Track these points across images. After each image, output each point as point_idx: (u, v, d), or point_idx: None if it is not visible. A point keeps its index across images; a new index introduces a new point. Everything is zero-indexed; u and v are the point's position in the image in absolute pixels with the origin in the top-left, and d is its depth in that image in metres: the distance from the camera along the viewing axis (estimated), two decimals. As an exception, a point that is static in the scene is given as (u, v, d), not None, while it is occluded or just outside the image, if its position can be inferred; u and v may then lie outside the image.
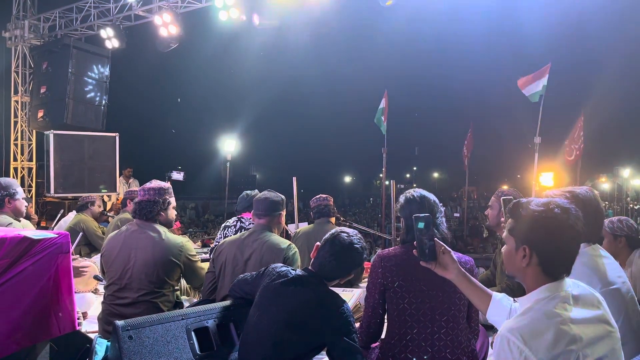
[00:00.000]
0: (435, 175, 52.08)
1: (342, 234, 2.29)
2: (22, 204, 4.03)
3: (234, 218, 4.47)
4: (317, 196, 4.87)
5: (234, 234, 4.28)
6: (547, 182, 7.97)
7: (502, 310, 1.91)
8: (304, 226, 5.30)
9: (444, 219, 2.45)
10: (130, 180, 10.62)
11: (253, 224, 4.30)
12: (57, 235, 2.28)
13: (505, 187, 3.75)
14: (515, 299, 1.74)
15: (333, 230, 2.33)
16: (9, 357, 2.11)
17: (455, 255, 2.03)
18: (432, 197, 2.49)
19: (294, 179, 6.19)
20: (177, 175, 8.06)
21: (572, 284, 1.63)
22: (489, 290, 2.00)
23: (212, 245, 4.68)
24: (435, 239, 1.96)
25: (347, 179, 55.27)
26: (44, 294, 2.24)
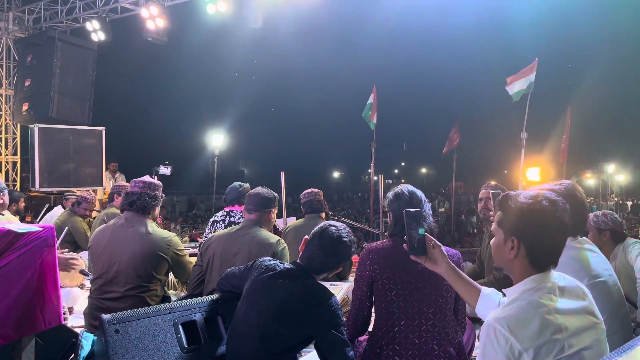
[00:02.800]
0: (423, 170, 52.33)
1: (331, 227, 2.29)
2: (6, 198, 4.00)
3: (222, 212, 4.42)
4: (308, 191, 4.83)
5: (224, 229, 4.27)
6: (534, 177, 8.05)
7: (491, 304, 1.93)
8: (293, 221, 5.28)
9: (430, 213, 2.47)
10: (117, 175, 10.53)
11: (242, 217, 4.30)
12: (42, 229, 2.25)
13: (493, 182, 3.78)
14: (503, 290, 1.76)
15: (322, 224, 2.33)
16: (-6, 351, 2.09)
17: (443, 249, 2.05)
18: (419, 192, 2.51)
19: (282, 173, 6.17)
20: (165, 170, 8.02)
21: (558, 276, 1.65)
22: (477, 284, 2.02)
23: (200, 240, 4.64)
24: (426, 233, 1.98)
25: (336, 174, 55.32)
26: (29, 288, 2.21)
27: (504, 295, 1.98)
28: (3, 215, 3.94)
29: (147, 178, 3.33)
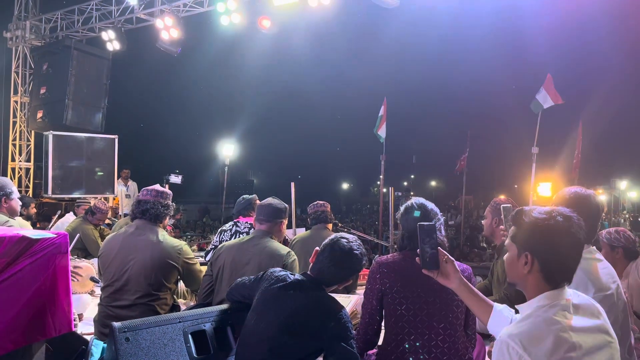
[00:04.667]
0: (433, 183, 52.12)
1: (342, 239, 2.29)
2: (17, 204, 4.02)
3: (230, 222, 4.49)
4: (315, 202, 4.88)
5: (229, 238, 4.31)
6: (545, 192, 7.99)
7: (503, 321, 1.91)
8: (301, 232, 5.31)
9: (442, 227, 2.46)
10: (129, 183, 10.61)
11: (248, 227, 4.33)
12: (55, 236, 2.27)
13: (502, 196, 3.77)
14: (516, 306, 1.75)
15: (333, 236, 2.33)
16: (5, 356, 2.10)
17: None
18: (430, 205, 2.50)
19: (292, 184, 6.19)
20: (175, 179, 8.07)
21: (572, 293, 1.64)
22: (490, 300, 2.00)
23: (207, 249, 4.68)
24: (439, 247, 1.97)
25: (345, 185, 55.26)
26: (41, 294, 2.23)
27: (517, 312, 1.97)
28: (15, 220, 3.97)
29: (158, 187, 3.35)
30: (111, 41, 10.20)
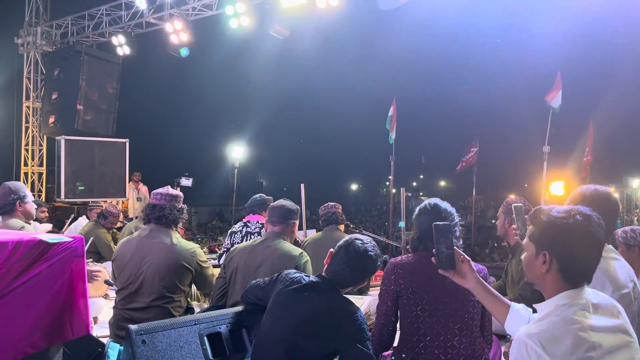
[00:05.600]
0: (442, 183, 51.90)
1: (357, 241, 2.29)
2: (32, 208, 4.04)
3: (240, 223, 4.49)
4: (326, 204, 4.89)
5: (241, 240, 4.32)
6: (558, 191, 7.93)
7: (521, 321, 1.90)
8: (312, 234, 5.30)
9: (458, 227, 2.44)
10: (140, 186, 10.67)
11: (259, 227, 4.34)
12: (71, 239, 2.29)
13: (512, 196, 3.75)
14: (535, 305, 1.74)
15: (347, 238, 2.33)
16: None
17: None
18: (444, 205, 2.48)
19: (302, 186, 6.18)
20: (186, 182, 8.11)
21: (591, 293, 1.63)
22: (507, 300, 1.99)
23: (219, 252, 4.69)
24: (455, 247, 1.96)
25: (354, 186, 55.18)
26: (59, 298, 2.25)
27: (534, 311, 1.95)
28: (30, 224, 4.00)
29: (170, 190, 3.35)
30: (121, 46, 10.29)
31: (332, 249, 2.35)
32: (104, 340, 3.12)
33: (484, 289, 1.97)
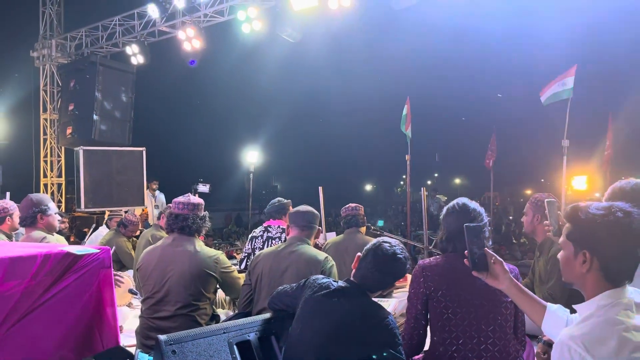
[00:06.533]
0: (457, 181, 51.50)
1: (385, 244, 2.25)
2: (55, 220, 4.03)
3: (260, 227, 4.46)
4: (347, 205, 4.80)
5: (262, 245, 4.30)
6: (580, 185, 7.79)
7: (559, 322, 1.85)
8: (332, 237, 5.25)
9: (487, 228, 2.39)
10: (156, 194, 10.73)
11: (280, 232, 4.31)
12: (99, 250, 2.29)
13: (529, 191, 3.66)
14: (574, 306, 1.69)
15: (374, 241, 2.29)
16: (55, 373, 2.12)
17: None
18: (472, 204, 2.44)
19: (320, 188, 6.14)
20: (203, 188, 8.14)
21: (634, 292, 1.58)
22: (542, 300, 1.93)
23: (239, 257, 4.66)
24: (486, 248, 1.92)
25: (368, 187, 54.98)
26: (87, 310, 2.24)
27: (572, 311, 1.90)
28: (53, 236, 4.02)
29: (191, 198, 3.34)
30: (135, 55, 10.37)
31: (359, 253, 2.32)
32: (133, 350, 3.13)
33: (518, 290, 1.92)
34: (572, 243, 1.63)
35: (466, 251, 1.91)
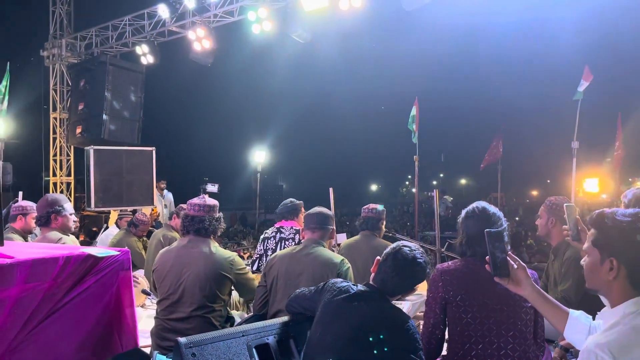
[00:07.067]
0: (463, 182, 51.41)
1: (405, 248, 2.24)
2: (70, 220, 4.04)
3: (272, 228, 4.44)
4: (368, 206, 4.55)
5: (275, 246, 4.29)
6: (592, 188, 7.74)
7: (582, 328, 1.84)
8: (345, 239, 5.16)
9: (506, 232, 2.37)
10: (165, 193, 10.75)
11: (293, 233, 4.30)
12: (118, 253, 2.30)
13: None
14: (599, 313, 1.68)
15: (394, 244, 2.29)
16: (75, 375, 2.13)
17: None
18: (492, 209, 2.42)
19: (331, 190, 6.12)
20: (212, 188, 8.15)
21: None
22: (564, 307, 1.92)
23: (252, 257, 4.64)
24: (509, 253, 1.91)
25: (373, 187, 54.95)
26: (107, 312, 2.25)
27: (594, 318, 1.89)
28: (68, 236, 4.03)
29: (207, 200, 3.34)
30: (145, 55, 10.40)
31: (378, 257, 2.31)
32: (149, 351, 3.14)
33: (540, 296, 1.91)
34: (598, 250, 1.62)
35: (487, 257, 1.90)
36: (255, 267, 4.31)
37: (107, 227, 7.47)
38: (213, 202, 3.34)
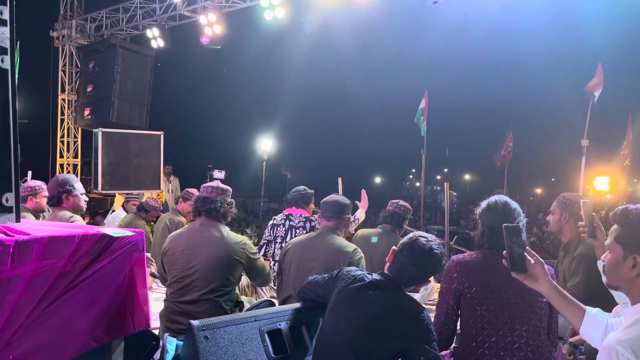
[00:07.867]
0: (467, 177, 51.27)
1: (421, 238, 2.23)
2: (81, 200, 4.04)
3: (282, 215, 4.42)
4: (395, 201, 4.42)
5: (284, 234, 4.28)
6: (603, 186, 7.69)
7: (598, 326, 1.82)
8: (362, 230, 5.04)
9: (524, 228, 2.35)
10: (171, 178, 10.76)
11: (303, 221, 4.29)
12: (133, 233, 2.29)
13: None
14: (620, 310, 1.67)
15: (411, 235, 2.27)
16: (88, 353, 2.13)
17: None
18: (514, 204, 2.40)
19: (340, 180, 6.09)
20: (219, 174, 8.14)
21: None
22: (581, 304, 1.91)
23: (261, 242, 4.62)
24: (527, 248, 1.89)
25: (377, 179, 54.88)
26: (120, 292, 2.25)
27: (616, 315, 1.88)
28: (79, 216, 4.04)
29: (220, 184, 3.36)
30: (155, 39, 10.36)
31: (394, 247, 2.30)
32: (159, 333, 3.15)
33: (557, 292, 1.89)
34: (621, 246, 1.61)
35: (504, 251, 1.88)
36: (262, 253, 4.31)
37: (113, 210, 7.48)
38: (226, 187, 3.34)
